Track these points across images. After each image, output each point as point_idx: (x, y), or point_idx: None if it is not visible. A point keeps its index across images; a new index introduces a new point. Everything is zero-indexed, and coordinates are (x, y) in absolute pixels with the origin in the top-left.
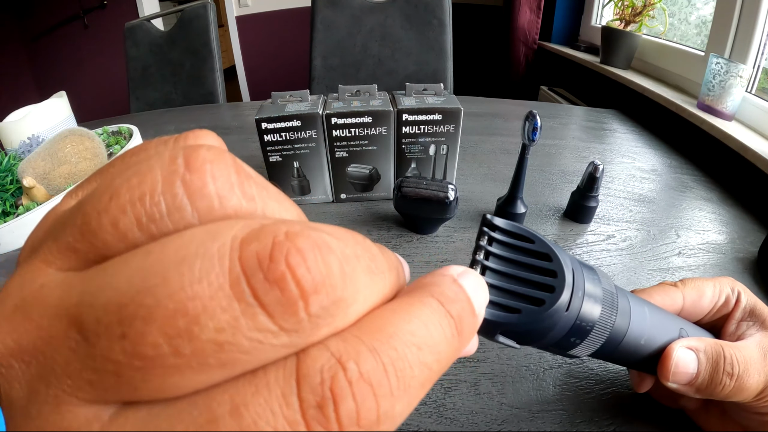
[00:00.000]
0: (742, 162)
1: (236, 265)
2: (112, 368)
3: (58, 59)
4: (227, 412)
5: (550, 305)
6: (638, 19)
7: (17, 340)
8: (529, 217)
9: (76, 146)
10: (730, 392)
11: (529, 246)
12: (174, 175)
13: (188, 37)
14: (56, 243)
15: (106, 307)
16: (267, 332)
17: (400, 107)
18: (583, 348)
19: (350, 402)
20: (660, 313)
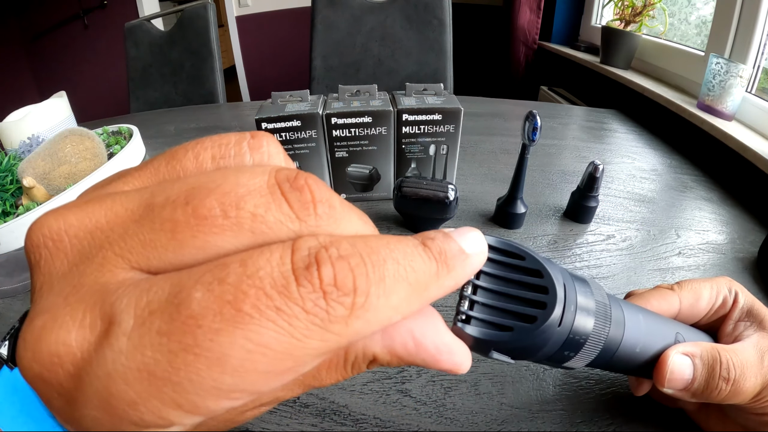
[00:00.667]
0: (742, 162)
1: (272, 178)
2: (170, 226)
3: (58, 59)
4: (236, 261)
5: (542, 322)
6: (638, 19)
7: (80, 219)
8: (529, 217)
9: (76, 146)
10: (726, 396)
11: (520, 263)
12: (243, 137)
13: (188, 37)
14: (138, 170)
15: (177, 189)
16: (287, 215)
17: (400, 107)
18: (578, 360)
19: (329, 267)
20: (656, 319)
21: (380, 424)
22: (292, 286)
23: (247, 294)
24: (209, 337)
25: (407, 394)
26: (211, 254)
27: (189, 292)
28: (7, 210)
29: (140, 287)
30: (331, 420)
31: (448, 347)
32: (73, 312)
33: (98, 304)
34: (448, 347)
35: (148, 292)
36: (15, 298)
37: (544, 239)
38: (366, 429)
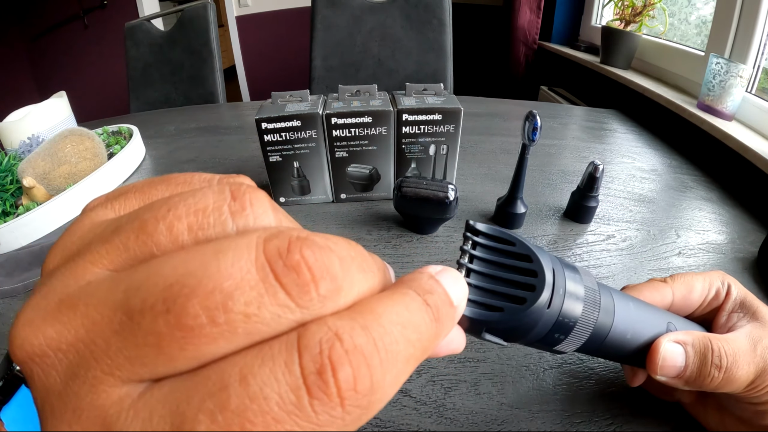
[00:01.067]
0: (742, 162)
1: (261, 255)
2: (154, 341)
3: (58, 59)
4: (237, 381)
5: (531, 303)
6: (638, 19)
7: (59, 331)
8: (529, 217)
9: (76, 146)
10: (719, 384)
11: (511, 248)
12: (223, 201)
13: (188, 37)
14: (105, 245)
15: (152, 289)
16: (285, 307)
17: (400, 107)
18: (568, 343)
19: (347, 368)
20: (647, 308)
21: (380, 424)
22: (304, 402)
23: (254, 423)
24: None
25: (407, 394)
26: (205, 360)
27: (192, 425)
28: (7, 210)
29: (140, 416)
30: None
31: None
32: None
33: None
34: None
35: (150, 422)
36: (15, 298)
37: (544, 239)
38: (366, 429)
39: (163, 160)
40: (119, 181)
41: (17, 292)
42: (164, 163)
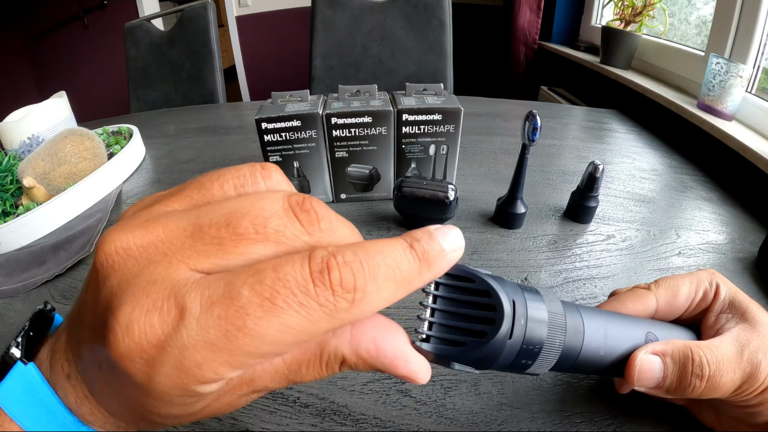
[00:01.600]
0: (742, 162)
1: (286, 202)
2: (217, 241)
3: (58, 59)
4: (270, 268)
5: (492, 336)
6: (638, 19)
7: (144, 235)
8: (529, 217)
9: (76, 146)
10: (703, 392)
11: (470, 285)
12: (255, 169)
13: (188, 37)
14: (174, 196)
15: (217, 212)
16: (300, 231)
17: (400, 107)
18: (538, 367)
19: (336, 272)
20: (624, 322)
21: (380, 424)
22: (310, 287)
23: (279, 292)
24: (254, 321)
25: (407, 394)
26: (248, 260)
27: (239, 290)
28: (7, 210)
29: (202, 285)
30: (331, 420)
31: (404, 355)
32: (155, 301)
33: (172, 296)
34: (405, 356)
35: (209, 288)
36: (15, 298)
37: (544, 239)
38: (366, 429)
39: (163, 160)
40: (119, 181)
41: (17, 292)
42: (164, 163)
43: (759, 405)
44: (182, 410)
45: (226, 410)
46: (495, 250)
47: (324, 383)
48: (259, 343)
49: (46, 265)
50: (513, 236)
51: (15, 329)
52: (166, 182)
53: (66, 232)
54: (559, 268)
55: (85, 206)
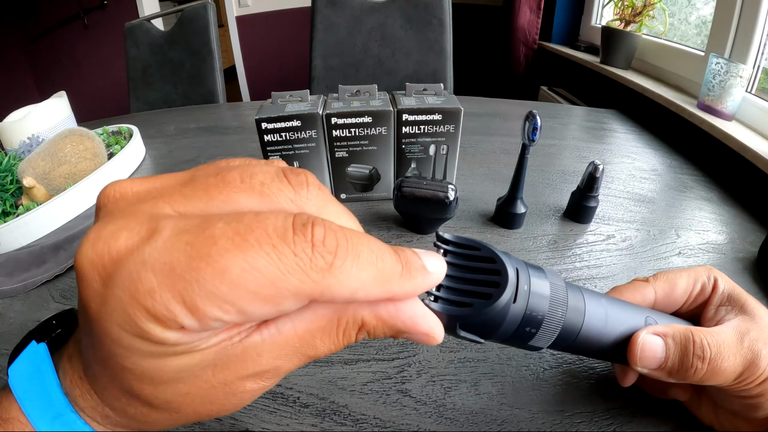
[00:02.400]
0: (742, 162)
1: (279, 168)
2: (204, 187)
3: (58, 59)
4: (252, 214)
5: (497, 297)
6: (638, 19)
7: (140, 184)
8: (529, 217)
9: (76, 146)
10: (704, 376)
11: (476, 253)
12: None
13: (188, 37)
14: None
15: (209, 168)
16: (286, 186)
17: (400, 107)
18: (541, 338)
19: (321, 230)
20: (624, 305)
21: (380, 424)
22: (289, 233)
23: (253, 231)
24: (220, 253)
25: (407, 394)
26: (231, 208)
27: (214, 222)
28: (7, 210)
29: (180, 217)
30: (331, 420)
31: (423, 314)
32: (128, 223)
33: (147, 221)
34: (423, 314)
35: (185, 220)
36: (15, 299)
37: (544, 239)
38: (366, 429)
39: (163, 160)
40: None
41: (17, 292)
42: (164, 163)
43: (759, 396)
44: (157, 374)
45: (227, 402)
46: None
47: (324, 383)
48: (219, 279)
49: (46, 265)
50: (513, 236)
51: (15, 329)
52: None
53: (66, 232)
54: (559, 268)
55: (85, 206)
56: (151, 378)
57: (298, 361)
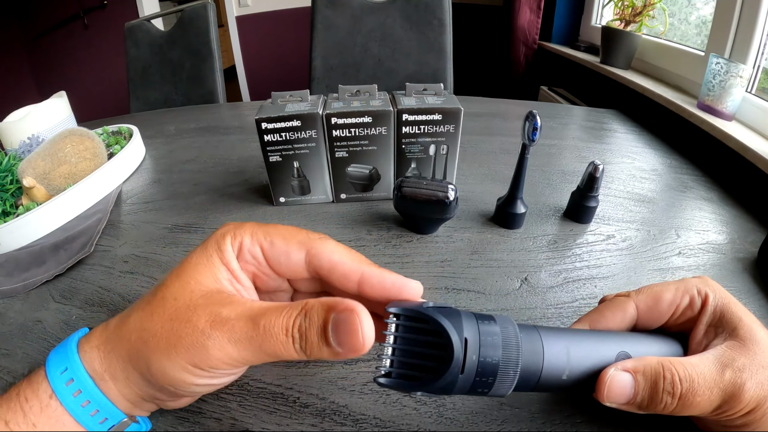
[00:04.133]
0: (742, 162)
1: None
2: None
3: (58, 59)
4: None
5: (443, 372)
6: (638, 19)
7: (235, 227)
8: (529, 217)
9: (76, 146)
10: (676, 409)
11: (424, 326)
12: None
13: (188, 37)
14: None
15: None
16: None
17: (400, 107)
18: (498, 391)
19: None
20: (592, 341)
21: (380, 424)
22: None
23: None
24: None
25: (407, 394)
26: None
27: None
28: (7, 210)
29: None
30: (331, 420)
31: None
32: None
33: None
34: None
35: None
36: (15, 298)
37: (544, 239)
38: (366, 429)
39: (163, 160)
40: (119, 181)
41: (17, 292)
42: (164, 163)
43: (743, 426)
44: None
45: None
46: (495, 250)
47: (324, 383)
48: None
49: (46, 265)
50: (513, 236)
51: (15, 329)
52: (166, 182)
53: (66, 232)
54: (559, 268)
55: (85, 206)
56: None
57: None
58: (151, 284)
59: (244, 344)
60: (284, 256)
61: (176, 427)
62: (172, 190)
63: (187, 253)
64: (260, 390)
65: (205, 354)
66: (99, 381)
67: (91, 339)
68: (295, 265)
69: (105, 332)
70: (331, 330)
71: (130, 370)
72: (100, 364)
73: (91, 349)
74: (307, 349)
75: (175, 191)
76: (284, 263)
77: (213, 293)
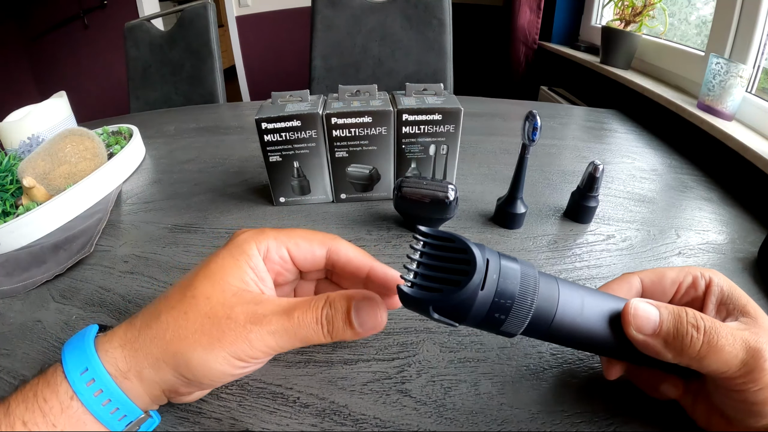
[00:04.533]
0: (742, 162)
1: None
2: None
3: (58, 59)
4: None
5: (465, 284)
6: (638, 19)
7: (255, 232)
8: (529, 217)
9: (76, 146)
10: (702, 348)
11: (450, 245)
12: None
13: (188, 37)
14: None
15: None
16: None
17: (400, 107)
18: (512, 324)
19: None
20: (604, 295)
21: (380, 424)
22: None
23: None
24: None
25: (407, 394)
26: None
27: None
28: (7, 210)
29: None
30: (331, 420)
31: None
32: None
33: None
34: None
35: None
36: (15, 298)
37: (544, 239)
38: (366, 429)
39: (163, 160)
40: (119, 181)
41: (17, 292)
42: (164, 163)
43: (761, 404)
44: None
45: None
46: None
47: (324, 383)
48: None
49: (46, 265)
50: (513, 236)
51: (15, 329)
52: (166, 182)
53: (66, 232)
54: (559, 268)
55: (85, 206)
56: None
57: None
58: (151, 284)
59: (281, 334)
60: (310, 254)
61: (176, 427)
62: (172, 190)
63: (187, 254)
64: (260, 390)
65: (249, 346)
66: (121, 379)
67: (113, 339)
68: (318, 261)
69: (130, 332)
70: (354, 314)
71: (161, 366)
72: (124, 363)
73: (114, 348)
74: (333, 333)
75: (175, 191)
76: (309, 260)
77: (242, 293)
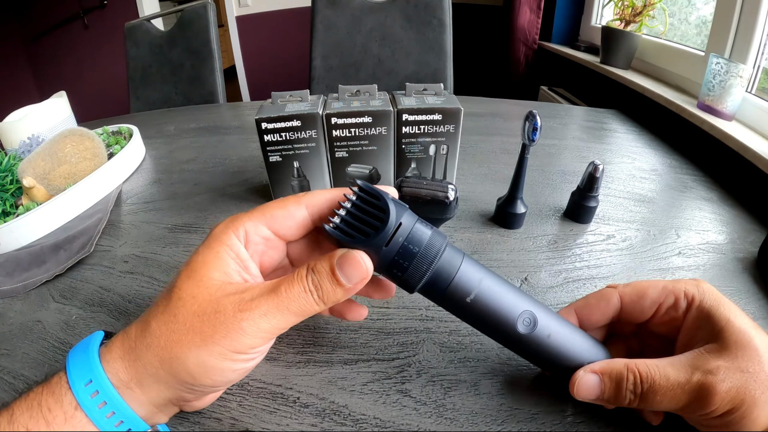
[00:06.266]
0: (742, 162)
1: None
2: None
3: (58, 59)
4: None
5: (372, 238)
6: (638, 19)
7: (235, 218)
8: (529, 217)
9: (76, 146)
10: (639, 405)
11: (376, 202)
12: None
13: (188, 37)
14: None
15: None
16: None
17: (400, 107)
18: (410, 278)
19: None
20: (507, 288)
21: (380, 424)
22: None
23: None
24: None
25: (407, 394)
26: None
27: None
28: (7, 210)
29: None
30: (331, 420)
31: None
32: None
33: None
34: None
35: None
36: (15, 298)
37: (544, 239)
38: (366, 429)
39: (163, 160)
40: (119, 181)
41: (17, 292)
42: (164, 163)
43: (721, 426)
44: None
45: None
46: (495, 250)
47: (324, 383)
48: None
49: (46, 265)
50: (513, 236)
51: (15, 329)
52: (166, 182)
53: (66, 232)
54: (559, 268)
55: (85, 206)
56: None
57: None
58: (151, 284)
59: (273, 314)
60: (290, 219)
61: (176, 427)
62: (172, 190)
63: (187, 253)
64: (260, 390)
65: (243, 334)
66: (124, 390)
67: (113, 350)
68: (302, 222)
69: (126, 342)
70: (339, 271)
71: (161, 374)
72: (125, 374)
73: (114, 360)
74: (324, 297)
75: (175, 191)
76: (292, 225)
77: (226, 285)
